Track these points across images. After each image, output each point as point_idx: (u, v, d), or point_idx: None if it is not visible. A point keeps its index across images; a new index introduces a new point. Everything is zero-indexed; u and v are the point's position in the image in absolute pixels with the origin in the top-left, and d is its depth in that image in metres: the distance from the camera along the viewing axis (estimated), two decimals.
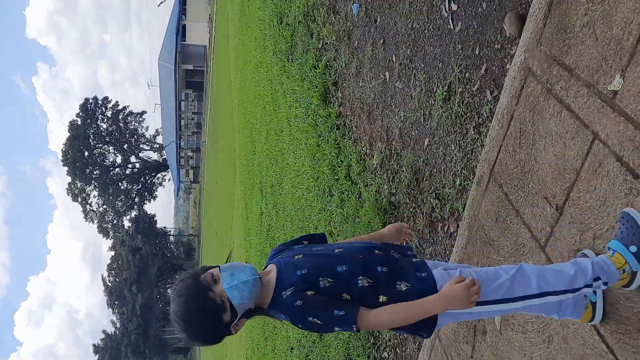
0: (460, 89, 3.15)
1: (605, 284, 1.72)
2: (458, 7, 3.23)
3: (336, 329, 1.74)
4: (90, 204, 58.50)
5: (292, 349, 7.04)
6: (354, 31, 5.04)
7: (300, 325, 1.74)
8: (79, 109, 55.62)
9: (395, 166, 4.09)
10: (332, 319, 1.68)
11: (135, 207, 60.59)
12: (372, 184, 4.49)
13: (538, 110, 2.23)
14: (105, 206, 59.20)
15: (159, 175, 63.42)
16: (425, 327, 1.75)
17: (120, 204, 59.41)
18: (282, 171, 8.31)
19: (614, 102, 1.81)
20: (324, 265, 1.79)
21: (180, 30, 49.29)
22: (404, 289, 1.73)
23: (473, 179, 2.92)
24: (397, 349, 3.99)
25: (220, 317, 1.72)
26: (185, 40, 50.35)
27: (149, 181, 62.50)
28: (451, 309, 1.66)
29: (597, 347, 1.89)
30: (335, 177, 5.43)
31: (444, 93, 3.30)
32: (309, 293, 1.71)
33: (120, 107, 58.14)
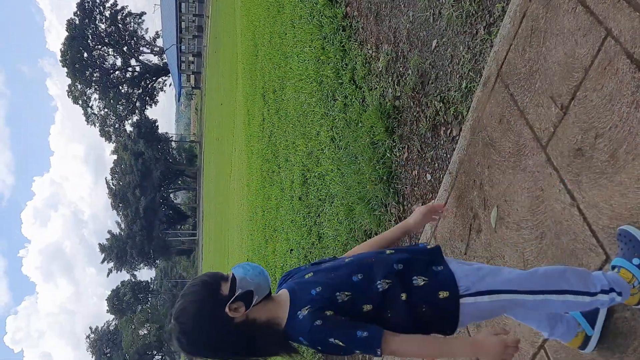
0: None
1: (619, 294, 1.66)
2: None
3: (357, 351, 1.63)
4: (91, 107, 58.27)
5: (291, 250, 7.29)
6: None
7: (319, 348, 1.66)
8: (77, 7, 53.85)
9: (401, 69, 4.03)
10: (354, 341, 1.57)
11: (137, 111, 60.36)
12: (376, 87, 4.44)
13: (552, 6, 2.16)
14: (106, 110, 58.99)
15: (160, 79, 62.63)
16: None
17: (121, 108, 59.15)
18: (285, 76, 8.19)
19: None
20: (338, 279, 1.71)
21: None
22: (422, 283, 1.66)
23: (479, 81, 2.88)
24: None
25: (218, 284, 1.68)
26: None
27: (149, 85, 61.81)
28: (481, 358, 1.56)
29: (588, 241, 1.95)
30: (339, 81, 5.36)
31: None
32: (328, 313, 1.62)
33: (118, 7, 56.29)
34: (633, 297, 1.71)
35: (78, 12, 53.84)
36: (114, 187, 59.84)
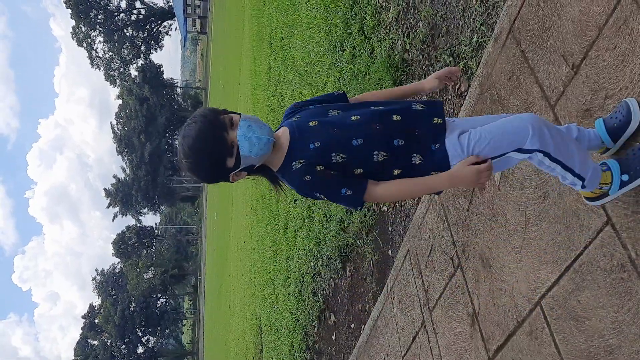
0: None
1: (583, 187, 1.73)
2: None
3: (342, 205, 1.75)
4: (95, 50, 57.52)
5: (295, 200, 7.36)
6: None
7: (305, 196, 1.77)
8: None
9: (411, 21, 3.95)
10: (338, 198, 1.70)
11: (142, 55, 59.58)
12: (385, 39, 4.37)
13: None
14: (111, 53, 58.24)
15: (165, 23, 61.50)
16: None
17: (126, 51, 58.38)
18: (292, 23, 8.03)
19: None
20: (339, 138, 1.72)
21: None
22: (418, 162, 1.71)
23: (491, 36, 2.83)
24: (397, 203, 4.16)
25: (224, 159, 1.69)
26: None
27: (154, 29, 60.75)
28: (458, 187, 1.69)
29: None
30: (348, 31, 5.27)
31: None
32: (318, 168, 1.69)
33: None
34: (590, 193, 1.80)
35: None
36: (119, 132, 59.84)
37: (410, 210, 3.89)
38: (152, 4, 60.07)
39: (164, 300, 67.60)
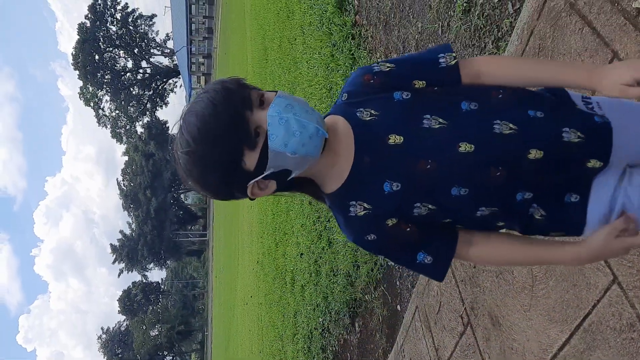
0: (481, 1, 3.06)
1: None
2: None
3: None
4: (102, 109, 58.74)
5: (301, 254, 7.34)
6: None
7: (364, 249, 1.23)
8: (88, 10, 54.29)
9: None
10: (412, 265, 1.18)
11: (147, 113, 60.74)
12: None
13: (559, 26, 2.18)
14: (117, 111, 59.43)
15: (171, 81, 62.98)
16: None
17: (132, 109, 59.56)
18: (295, 80, 8.23)
19: (637, 21, 1.78)
20: (432, 182, 1.11)
21: None
22: (538, 217, 1.15)
23: None
24: None
25: (240, 152, 1.06)
26: None
27: (160, 87, 62.16)
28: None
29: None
30: None
31: (464, 4, 3.21)
32: (389, 223, 1.14)
33: (129, 10, 56.67)
34: None
35: (89, 15, 54.28)
36: (125, 188, 60.29)
37: None
38: (157, 63, 61.71)
39: (171, 358, 66.26)
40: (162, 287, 72.38)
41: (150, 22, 58.93)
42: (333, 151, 1.14)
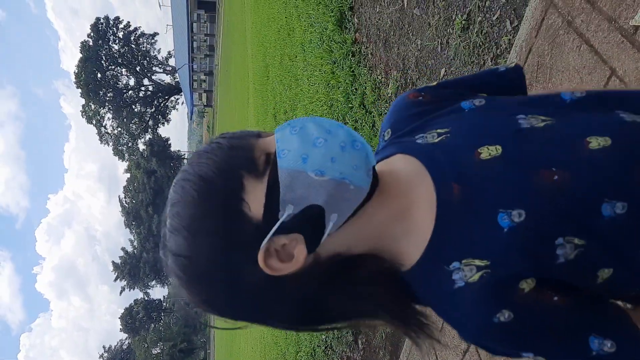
0: (479, 18, 3.09)
1: None
2: None
3: None
4: (104, 127, 59.00)
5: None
6: None
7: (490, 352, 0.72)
8: (90, 29, 54.83)
9: None
10: (591, 355, 0.67)
11: (149, 130, 61.00)
12: (386, 112, 4.49)
13: (557, 43, 2.20)
14: (119, 129, 59.69)
15: (172, 98, 63.32)
16: None
17: (134, 127, 59.82)
18: (296, 97, 8.27)
19: (634, 38, 1.79)
20: (570, 199, 0.70)
21: None
22: None
23: None
24: None
25: (240, 183, 0.71)
26: None
27: (162, 104, 62.49)
28: None
29: None
30: (349, 105, 5.42)
31: (463, 22, 3.24)
32: (525, 287, 0.69)
33: (131, 28, 57.20)
34: None
35: (92, 34, 54.77)
36: (127, 205, 60.31)
37: None
38: (159, 81, 62.10)
39: None
40: (164, 304, 72.04)
41: (152, 40, 59.42)
42: (396, 195, 0.75)
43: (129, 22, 57.07)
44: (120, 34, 56.64)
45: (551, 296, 0.69)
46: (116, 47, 56.89)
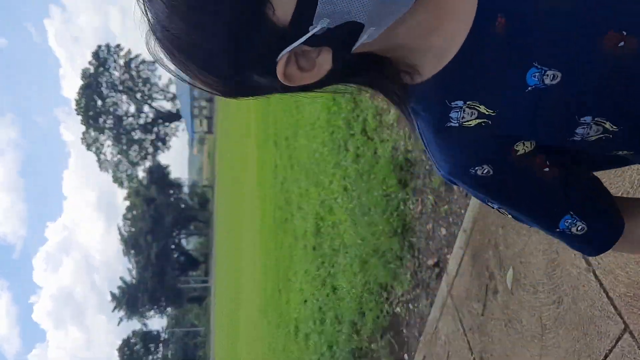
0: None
1: None
2: None
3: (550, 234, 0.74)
4: (104, 154, 59.16)
5: (305, 301, 7.23)
6: None
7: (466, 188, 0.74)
8: (92, 56, 55.46)
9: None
10: (551, 231, 0.72)
11: (149, 157, 61.16)
12: (388, 139, 4.50)
13: None
14: (119, 156, 59.83)
15: (173, 125, 63.67)
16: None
17: (134, 154, 60.00)
18: (297, 123, 8.32)
19: None
20: (630, 76, 0.61)
21: None
22: None
23: None
24: (410, 304, 4.09)
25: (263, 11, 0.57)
26: None
27: (162, 131, 62.78)
28: None
29: (605, 309, 1.94)
30: (351, 132, 5.44)
31: None
32: (520, 150, 0.66)
33: (132, 55, 57.82)
34: None
35: (93, 60, 55.36)
36: (125, 234, 60.07)
37: (424, 312, 3.81)
38: (160, 108, 62.53)
39: None
40: (163, 335, 71.18)
41: (153, 67, 60.01)
42: (433, 7, 0.63)
43: (130, 49, 57.72)
44: (121, 61, 57.21)
45: (543, 165, 0.67)
46: (117, 73, 57.42)
